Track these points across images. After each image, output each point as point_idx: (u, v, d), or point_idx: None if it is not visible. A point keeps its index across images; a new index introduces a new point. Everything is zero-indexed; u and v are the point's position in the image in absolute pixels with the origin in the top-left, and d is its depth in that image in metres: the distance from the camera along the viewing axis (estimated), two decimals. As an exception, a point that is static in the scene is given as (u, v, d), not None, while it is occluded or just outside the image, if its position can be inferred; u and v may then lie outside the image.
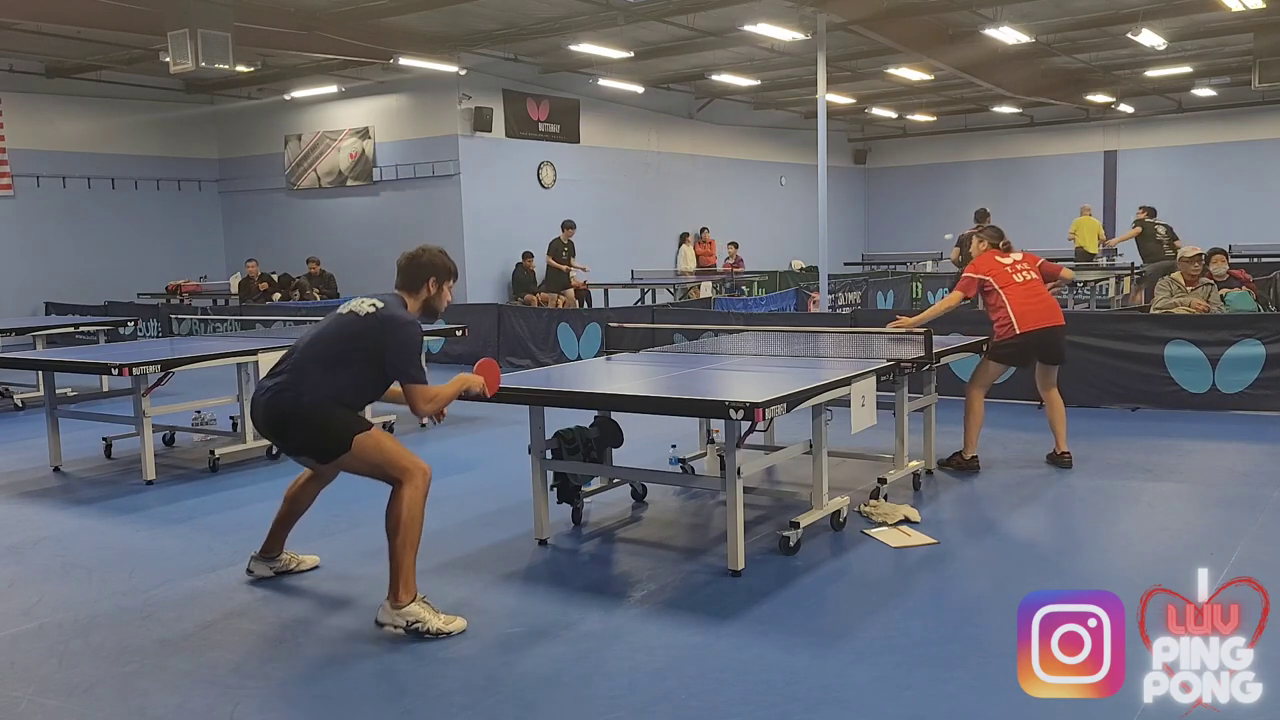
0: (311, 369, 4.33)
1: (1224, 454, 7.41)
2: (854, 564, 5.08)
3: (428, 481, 4.32)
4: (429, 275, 4.51)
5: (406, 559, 4.20)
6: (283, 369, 4.42)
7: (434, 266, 4.53)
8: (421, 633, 4.15)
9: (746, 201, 23.95)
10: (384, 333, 4.29)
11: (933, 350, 6.04)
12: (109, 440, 7.89)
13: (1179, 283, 9.56)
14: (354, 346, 4.32)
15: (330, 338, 4.39)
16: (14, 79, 16.97)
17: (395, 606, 4.18)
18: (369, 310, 4.35)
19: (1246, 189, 23.09)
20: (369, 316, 4.32)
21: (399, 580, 4.19)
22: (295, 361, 4.40)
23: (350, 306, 4.44)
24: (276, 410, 4.34)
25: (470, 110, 17.52)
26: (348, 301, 4.53)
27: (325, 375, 4.31)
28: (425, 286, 4.51)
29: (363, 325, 4.32)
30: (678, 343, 8.42)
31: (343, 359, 4.32)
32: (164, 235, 19.44)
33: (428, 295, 4.53)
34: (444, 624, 4.19)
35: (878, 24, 14.94)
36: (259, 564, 4.96)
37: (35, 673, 3.97)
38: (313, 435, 4.34)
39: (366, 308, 4.36)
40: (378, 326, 4.30)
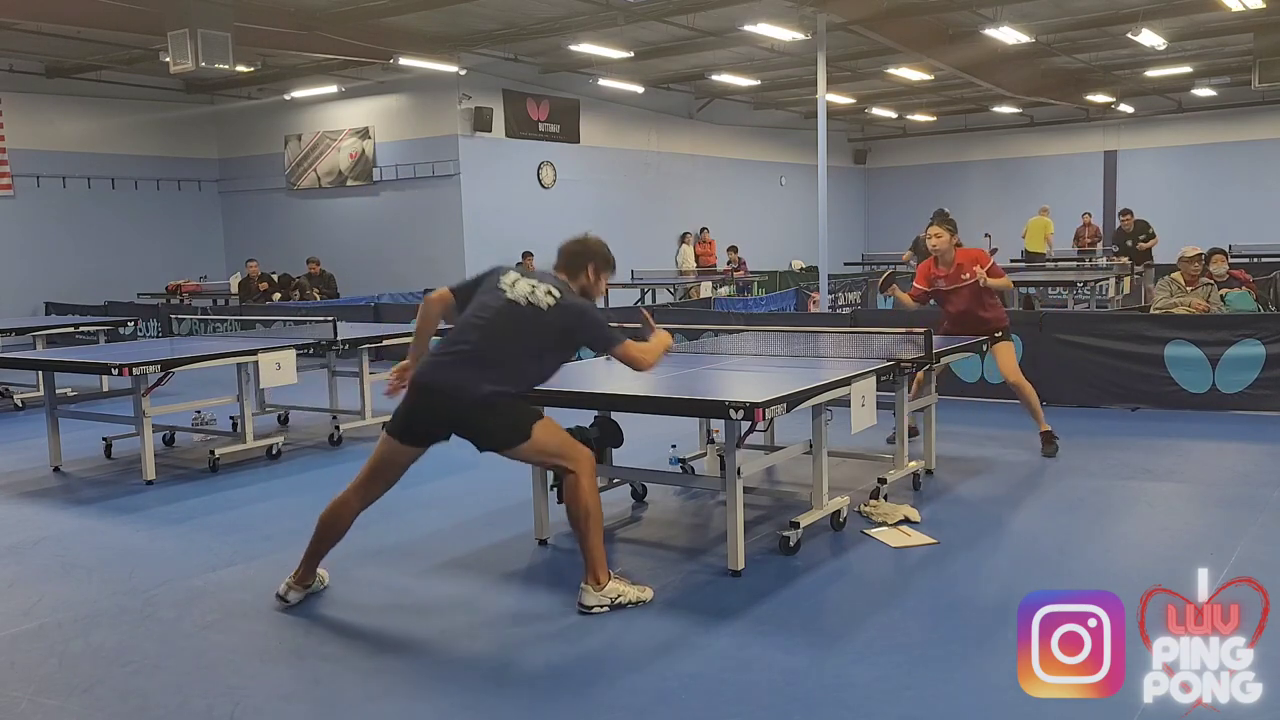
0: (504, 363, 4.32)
1: (1224, 454, 7.41)
2: (854, 564, 5.08)
3: (594, 466, 4.51)
4: (589, 262, 4.60)
5: (594, 541, 4.39)
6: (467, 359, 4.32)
7: (594, 254, 4.63)
8: (623, 605, 4.38)
9: (746, 201, 23.95)
10: (574, 323, 4.41)
11: (933, 350, 6.04)
12: (109, 440, 7.89)
13: (1179, 283, 9.56)
14: (539, 336, 4.37)
15: (513, 327, 4.36)
16: (14, 79, 16.98)
17: (598, 588, 4.37)
18: (549, 302, 4.37)
19: (1246, 189, 23.10)
20: (553, 310, 4.36)
21: (595, 563, 4.39)
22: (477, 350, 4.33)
23: (525, 296, 4.39)
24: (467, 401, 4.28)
25: (470, 110, 17.53)
26: (507, 279, 4.47)
27: (513, 362, 4.34)
28: (585, 273, 4.59)
29: (547, 317, 4.35)
30: (678, 343, 8.41)
31: (526, 347, 4.37)
32: (164, 235, 19.45)
33: (585, 281, 4.60)
34: (639, 593, 4.45)
35: (878, 24, 14.94)
36: (296, 592, 4.60)
37: (35, 673, 3.97)
38: (498, 423, 4.35)
39: (545, 298, 4.37)
40: (564, 317, 4.38)
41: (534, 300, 4.38)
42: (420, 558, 5.25)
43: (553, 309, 4.37)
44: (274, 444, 7.80)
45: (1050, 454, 7.08)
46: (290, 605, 4.57)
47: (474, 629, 4.27)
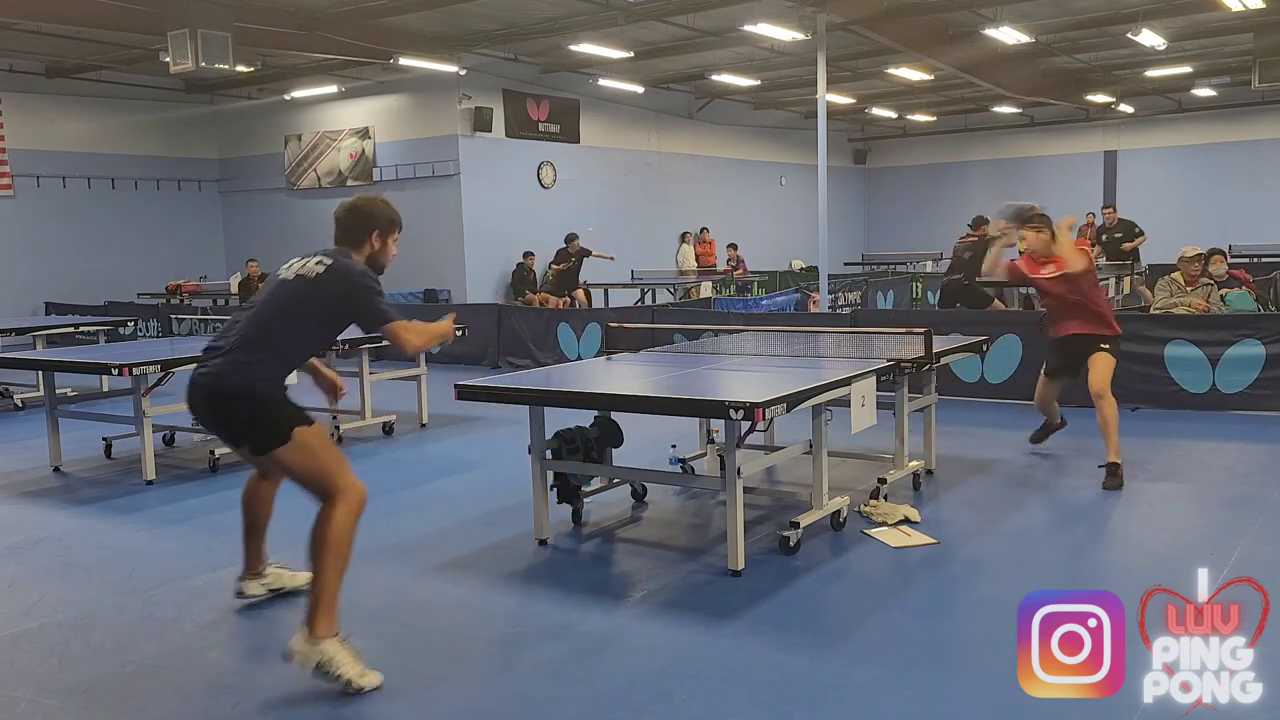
0: (259, 342, 3.90)
1: (1224, 454, 7.41)
2: (854, 564, 5.08)
3: (362, 504, 3.88)
4: (371, 229, 4.08)
5: (330, 585, 3.74)
6: (225, 346, 3.93)
7: (375, 218, 4.10)
8: (331, 677, 3.66)
9: (746, 201, 23.94)
10: (345, 288, 3.89)
11: (933, 350, 6.04)
12: (109, 440, 7.89)
13: (1179, 283, 9.56)
14: (310, 308, 3.91)
15: (282, 306, 3.94)
16: (14, 79, 16.97)
17: (311, 640, 3.69)
18: (318, 271, 3.92)
19: (1246, 189, 23.09)
20: (320, 277, 3.90)
21: (319, 608, 3.71)
22: (241, 337, 3.93)
23: (295, 270, 4.00)
24: (217, 389, 3.88)
25: (470, 110, 17.52)
26: (286, 265, 4.09)
27: (275, 347, 3.92)
28: (368, 242, 4.08)
29: (313, 285, 3.90)
30: (678, 343, 8.42)
31: (295, 324, 3.92)
32: (164, 235, 19.44)
33: (371, 250, 4.09)
34: (358, 676, 3.69)
35: (878, 24, 14.94)
36: (250, 584, 4.56)
37: (35, 673, 3.97)
38: (253, 419, 3.88)
39: (315, 268, 3.94)
40: (332, 282, 3.89)
41: (303, 273, 3.94)
42: (420, 558, 5.25)
43: (322, 276, 3.90)
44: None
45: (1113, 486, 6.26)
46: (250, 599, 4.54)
47: (474, 629, 4.27)
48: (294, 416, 3.91)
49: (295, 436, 3.85)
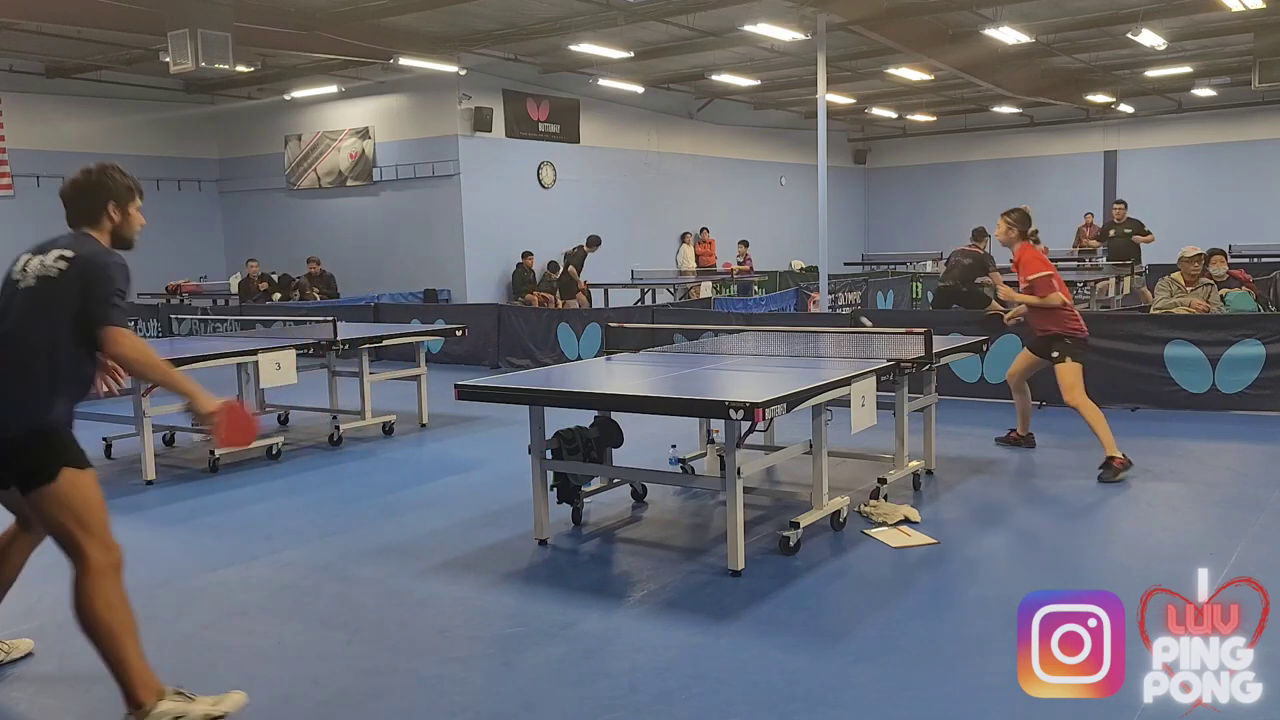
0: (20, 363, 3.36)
1: (1224, 454, 7.41)
2: (854, 564, 5.08)
3: (119, 567, 3.42)
4: (105, 200, 3.59)
5: (128, 656, 3.36)
6: None
7: (107, 188, 3.60)
8: None
9: (746, 201, 23.95)
10: (86, 276, 3.38)
11: (932, 350, 6.04)
12: (109, 440, 7.90)
13: (1179, 282, 9.56)
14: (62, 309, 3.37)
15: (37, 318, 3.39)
16: (14, 79, 16.97)
17: (139, 713, 3.35)
18: (62, 266, 3.40)
19: (1246, 189, 23.09)
20: (65, 272, 3.39)
21: (131, 684, 3.35)
22: None
23: (33, 270, 3.43)
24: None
25: (470, 110, 17.53)
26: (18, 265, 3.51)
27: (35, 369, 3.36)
28: (106, 215, 3.59)
29: (61, 282, 3.38)
30: (678, 343, 8.42)
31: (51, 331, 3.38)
32: (164, 235, 19.36)
33: (112, 225, 3.61)
34: (211, 706, 3.46)
35: (878, 24, 14.94)
36: None
37: (35, 673, 3.97)
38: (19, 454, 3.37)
39: (56, 264, 3.40)
40: (77, 274, 3.38)
41: (46, 273, 3.40)
42: (420, 558, 5.25)
43: (65, 272, 3.39)
44: (274, 444, 7.79)
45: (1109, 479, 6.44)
46: None
47: (474, 629, 4.27)
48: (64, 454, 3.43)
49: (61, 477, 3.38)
